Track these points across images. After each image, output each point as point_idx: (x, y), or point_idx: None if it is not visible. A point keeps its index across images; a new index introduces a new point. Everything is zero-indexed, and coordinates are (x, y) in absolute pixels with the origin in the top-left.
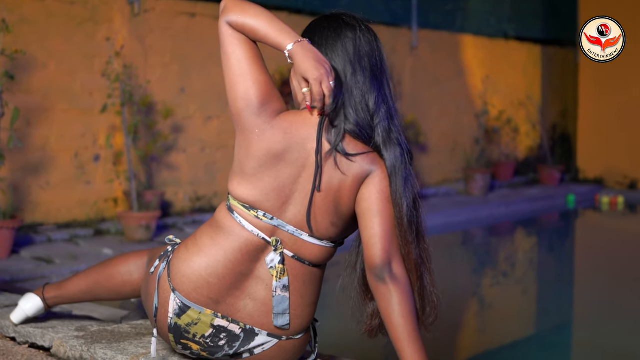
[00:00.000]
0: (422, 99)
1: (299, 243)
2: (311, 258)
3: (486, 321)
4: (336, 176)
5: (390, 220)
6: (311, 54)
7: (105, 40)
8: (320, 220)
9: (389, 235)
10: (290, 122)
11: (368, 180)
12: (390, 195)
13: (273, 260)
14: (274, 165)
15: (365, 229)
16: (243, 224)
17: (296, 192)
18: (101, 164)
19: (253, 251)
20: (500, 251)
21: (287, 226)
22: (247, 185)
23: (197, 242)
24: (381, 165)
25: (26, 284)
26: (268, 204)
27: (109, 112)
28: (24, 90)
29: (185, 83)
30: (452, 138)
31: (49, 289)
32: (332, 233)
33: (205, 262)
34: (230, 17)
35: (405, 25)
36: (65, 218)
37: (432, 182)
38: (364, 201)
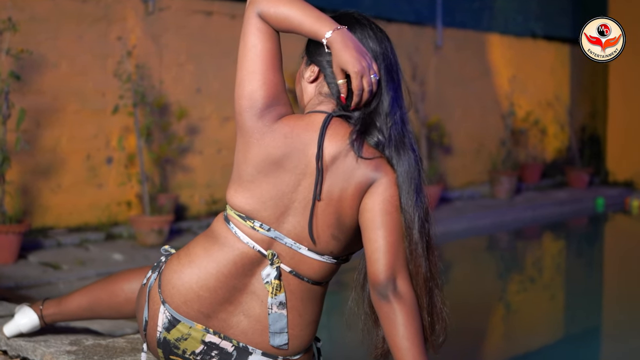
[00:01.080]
0: (446, 100)
1: (297, 257)
2: (310, 274)
3: (512, 327)
4: (337, 185)
5: (396, 233)
6: (352, 43)
7: (118, 40)
8: (321, 233)
9: (393, 250)
10: (291, 126)
11: (372, 189)
12: (396, 205)
13: (269, 274)
14: (273, 172)
15: (368, 243)
16: (238, 235)
17: (295, 201)
18: (114, 166)
19: (248, 264)
20: (527, 256)
21: (284, 238)
22: (244, 193)
23: (189, 252)
24: (387, 172)
25: (31, 291)
26: (265, 214)
27: (121, 113)
28: (34, 90)
29: (201, 83)
30: (477, 139)
31: (48, 306)
32: (333, 247)
33: (197, 274)
34: (261, 6)
35: (430, 24)
36: (77, 222)
37: (456, 184)
38: (367, 212)
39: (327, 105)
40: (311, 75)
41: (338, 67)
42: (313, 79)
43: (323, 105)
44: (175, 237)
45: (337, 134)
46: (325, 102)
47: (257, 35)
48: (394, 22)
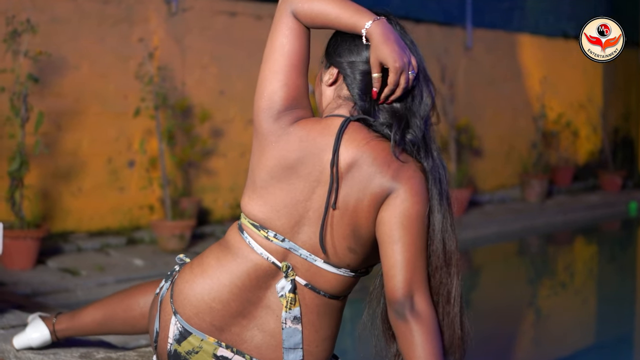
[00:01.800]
0: (476, 102)
1: (313, 270)
2: (327, 288)
3: (543, 334)
4: (352, 195)
5: (414, 248)
6: (393, 36)
7: (140, 41)
8: (336, 245)
9: (411, 265)
10: (308, 129)
11: (388, 201)
12: (414, 218)
13: (284, 287)
14: (286, 178)
15: (385, 258)
16: (252, 245)
17: (310, 210)
18: (136, 169)
19: (262, 277)
20: (558, 261)
21: (299, 250)
22: (258, 200)
23: (202, 262)
24: (406, 182)
25: (48, 298)
26: (279, 223)
27: (143, 115)
28: (54, 93)
29: (225, 85)
30: (507, 142)
31: (60, 321)
32: (350, 260)
33: (209, 285)
34: (296, 4)
35: (459, 24)
36: (98, 226)
37: (486, 188)
38: (383, 225)
39: (345, 108)
40: (330, 78)
41: (377, 60)
42: (332, 82)
43: (341, 108)
44: (197, 242)
45: (354, 140)
46: (344, 106)
47: (287, 35)
48: (423, 23)
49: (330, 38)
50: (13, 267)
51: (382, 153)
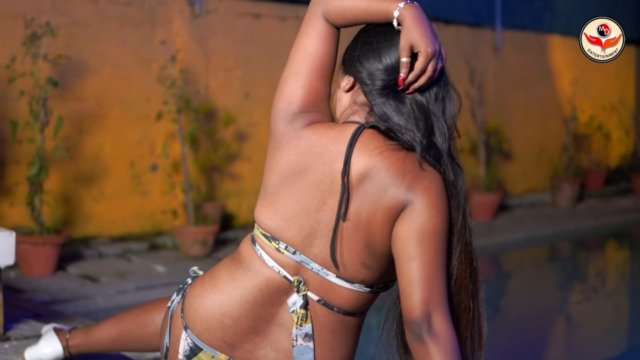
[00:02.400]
0: (506, 104)
1: (325, 285)
2: (341, 304)
3: (574, 340)
4: (365, 207)
5: (431, 265)
6: (426, 21)
7: (163, 44)
8: (349, 260)
9: (428, 283)
10: (320, 134)
11: (404, 214)
12: (431, 232)
13: (295, 303)
14: (295, 184)
15: (401, 275)
16: (264, 258)
17: (321, 222)
18: (159, 173)
19: (274, 292)
20: (589, 267)
21: (311, 263)
22: (269, 207)
23: (214, 275)
24: (423, 193)
25: (67, 306)
26: (289, 234)
27: (166, 119)
28: (76, 96)
29: (250, 88)
30: (538, 145)
31: (74, 336)
32: (364, 276)
33: (220, 300)
34: (326, 3)
35: (489, 25)
36: (120, 231)
37: (516, 191)
38: (398, 241)
39: (360, 115)
40: (347, 84)
41: (408, 43)
42: (348, 88)
43: (357, 115)
44: (220, 248)
45: (367, 148)
46: (360, 112)
47: (313, 38)
48: (452, 24)
49: (348, 45)
50: (32, 274)
51: (396, 163)
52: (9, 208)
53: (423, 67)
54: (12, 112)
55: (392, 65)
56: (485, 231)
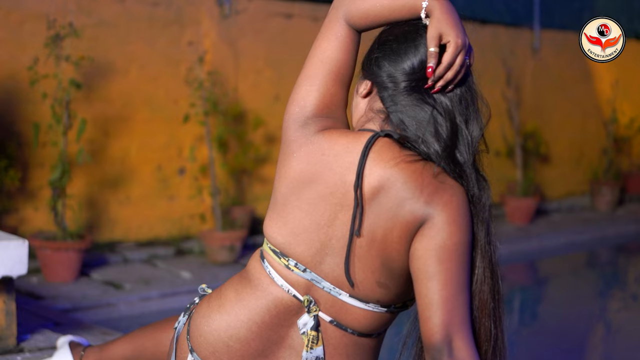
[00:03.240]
0: (544, 106)
1: (338, 305)
2: (355, 325)
3: (612, 349)
4: (380, 223)
5: (451, 286)
6: (456, 14)
7: (191, 45)
8: (363, 278)
9: (449, 305)
10: (332, 142)
11: (422, 231)
12: (451, 250)
13: (306, 324)
14: (305, 195)
15: (420, 297)
16: (272, 276)
17: (333, 238)
18: (187, 177)
19: (284, 313)
20: (630, 273)
21: (322, 282)
22: (278, 220)
23: (220, 295)
24: (443, 208)
25: (88, 313)
26: (299, 249)
27: (194, 122)
28: (101, 98)
29: (280, 90)
30: (577, 148)
31: (88, 354)
32: (380, 295)
33: (226, 321)
34: (347, 5)
35: (527, 25)
36: (146, 236)
37: (554, 196)
38: (417, 260)
39: (376, 122)
40: (364, 90)
41: (437, 32)
42: (366, 94)
43: (372, 123)
44: (248, 254)
45: (381, 158)
46: (375, 120)
47: (332, 41)
48: (489, 24)
49: (368, 50)
50: (54, 280)
51: (413, 175)
52: (33, 212)
53: (452, 59)
54: (35, 115)
55: (414, 66)
56: (522, 237)
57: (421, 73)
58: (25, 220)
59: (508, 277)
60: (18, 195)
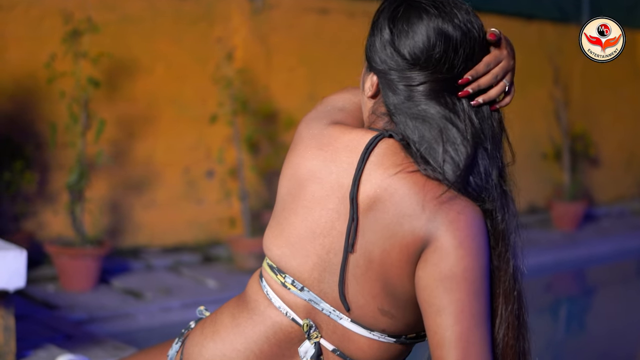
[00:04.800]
0: (593, 106)
1: (340, 331)
2: (360, 356)
3: None
4: (377, 242)
5: (466, 319)
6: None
7: (219, 41)
8: (364, 304)
9: (463, 342)
10: (335, 137)
11: (426, 255)
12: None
13: (307, 352)
14: (301, 195)
15: (429, 334)
16: (270, 297)
17: (331, 251)
18: (216, 180)
19: (285, 341)
20: None
21: (321, 303)
22: (275, 228)
23: (215, 320)
24: (449, 227)
25: (105, 325)
26: (294, 263)
27: (223, 122)
28: (125, 97)
29: (315, 89)
30: (628, 149)
31: None
32: (385, 324)
33: (220, 351)
34: None
35: (575, 21)
36: (172, 241)
37: (603, 200)
38: (422, 290)
39: (381, 123)
40: (370, 89)
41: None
42: (372, 94)
43: (377, 123)
44: None
45: (382, 164)
46: (379, 121)
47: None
48: (535, 20)
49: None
50: (72, 288)
51: (415, 187)
52: (52, 217)
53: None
54: (53, 115)
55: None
56: (569, 243)
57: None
58: (44, 224)
59: (554, 287)
60: (36, 198)
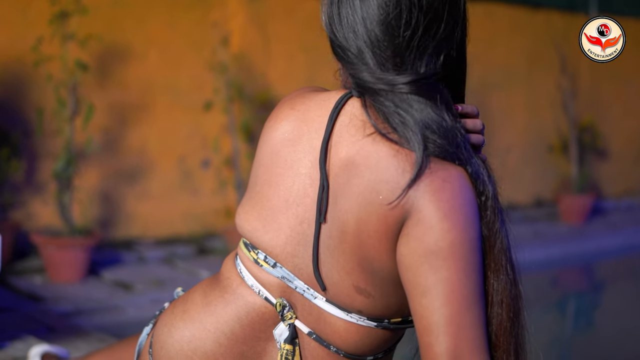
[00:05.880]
0: (601, 97)
1: (315, 312)
2: (337, 341)
3: None
4: (352, 211)
5: (455, 300)
6: None
7: (216, 26)
8: (339, 280)
9: (454, 327)
10: (308, 97)
11: (407, 229)
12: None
13: (282, 334)
14: (273, 164)
15: (416, 318)
16: (243, 276)
17: (304, 221)
18: (211, 170)
19: (258, 322)
20: None
21: (295, 280)
22: (248, 202)
23: (187, 299)
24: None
25: (93, 317)
26: (267, 237)
27: (219, 109)
28: (118, 84)
29: (314, 76)
30: (637, 142)
31: None
32: (361, 304)
33: (190, 332)
34: None
35: (582, 10)
36: (166, 233)
37: (611, 193)
38: (405, 270)
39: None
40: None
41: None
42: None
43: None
44: None
45: (354, 124)
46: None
47: None
48: (542, 9)
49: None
50: (59, 280)
51: (391, 150)
52: (41, 207)
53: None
54: (41, 101)
55: None
56: (577, 237)
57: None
58: (32, 215)
59: (561, 281)
60: (24, 188)
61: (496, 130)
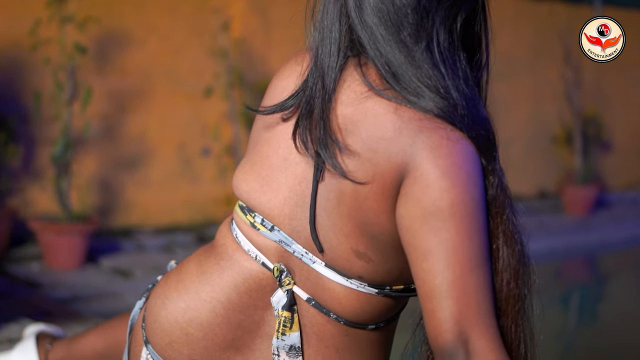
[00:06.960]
0: (606, 89)
1: (314, 278)
2: (336, 308)
3: None
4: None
5: (459, 263)
6: None
7: (216, 12)
8: (336, 244)
9: (458, 291)
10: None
11: (405, 188)
12: (452, 211)
13: (279, 301)
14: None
15: (417, 282)
16: (239, 240)
17: (303, 181)
18: (212, 157)
19: (256, 290)
20: None
21: (293, 244)
22: (246, 163)
23: (181, 269)
24: (431, 153)
25: (91, 303)
26: (264, 198)
27: (219, 96)
28: (117, 70)
29: None
30: None
31: (56, 349)
32: (360, 269)
33: (184, 302)
34: None
35: (586, 2)
36: (166, 221)
37: (615, 186)
38: (405, 231)
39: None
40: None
41: None
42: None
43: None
44: None
45: (354, 80)
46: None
47: None
48: (546, 0)
49: None
50: (57, 266)
51: (389, 106)
52: (39, 194)
53: None
54: (38, 85)
55: None
56: (581, 229)
57: None
58: (30, 201)
59: (565, 273)
60: (21, 174)
61: (499, 121)
